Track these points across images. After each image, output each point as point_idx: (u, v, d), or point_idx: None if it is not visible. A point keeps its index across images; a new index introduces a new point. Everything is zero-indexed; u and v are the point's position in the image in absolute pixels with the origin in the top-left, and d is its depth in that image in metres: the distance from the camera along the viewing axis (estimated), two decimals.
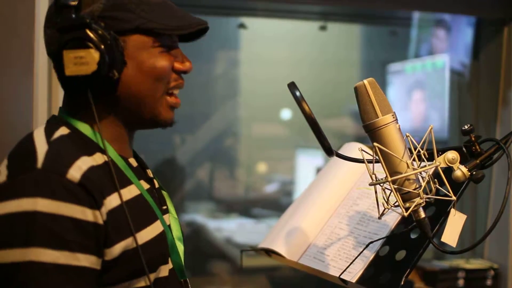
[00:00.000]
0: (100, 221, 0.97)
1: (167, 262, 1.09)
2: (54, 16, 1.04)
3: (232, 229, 3.36)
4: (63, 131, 1.03)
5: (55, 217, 0.93)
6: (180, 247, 1.14)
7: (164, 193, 1.19)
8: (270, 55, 3.74)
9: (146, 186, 1.11)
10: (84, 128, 1.06)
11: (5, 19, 1.83)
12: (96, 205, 0.97)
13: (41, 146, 0.98)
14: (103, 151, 1.03)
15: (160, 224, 1.08)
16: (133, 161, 1.13)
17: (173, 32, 1.06)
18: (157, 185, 1.17)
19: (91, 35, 0.99)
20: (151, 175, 1.17)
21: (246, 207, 3.67)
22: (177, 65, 1.10)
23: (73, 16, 1.00)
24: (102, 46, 0.99)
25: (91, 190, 0.96)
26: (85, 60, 0.99)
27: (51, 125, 1.05)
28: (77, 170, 0.97)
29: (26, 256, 0.91)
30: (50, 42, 1.06)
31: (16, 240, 0.92)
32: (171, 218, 1.15)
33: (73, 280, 0.93)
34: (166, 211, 1.15)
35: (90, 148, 1.03)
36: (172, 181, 3.49)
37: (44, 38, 1.08)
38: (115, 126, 1.08)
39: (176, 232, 1.15)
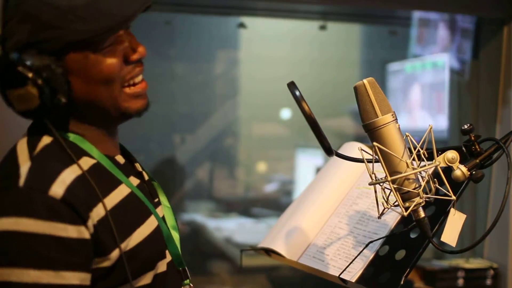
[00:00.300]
0: (86, 236, 0.96)
1: (164, 257, 1.09)
2: None
3: (232, 228, 3.36)
4: (46, 140, 1.02)
5: (37, 236, 0.92)
6: (176, 236, 1.14)
7: (155, 183, 1.18)
8: (270, 54, 3.74)
9: (136, 182, 1.10)
10: (64, 135, 1.04)
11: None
12: (80, 220, 0.96)
13: (24, 162, 0.97)
14: (89, 155, 1.03)
15: (155, 219, 1.07)
16: (120, 158, 1.11)
17: (106, 34, 1.00)
18: (146, 177, 1.16)
19: (23, 71, 0.95)
20: (140, 169, 1.15)
21: (245, 207, 3.67)
22: (131, 57, 1.04)
23: (1, 54, 0.97)
24: (38, 79, 0.96)
25: (75, 205, 0.96)
26: (27, 97, 0.96)
27: (34, 135, 1.03)
28: (60, 185, 0.96)
29: (7, 276, 0.90)
30: None
31: None
32: (164, 209, 1.15)
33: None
34: (159, 203, 1.15)
35: (76, 154, 1.01)
36: (172, 181, 3.49)
37: None
38: (92, 129, 1.06)
39: (170, 221, 1.14)
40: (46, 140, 1.02)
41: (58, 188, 0.95)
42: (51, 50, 0.98)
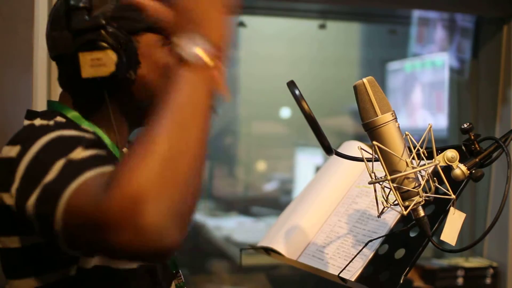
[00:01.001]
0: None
1: None
2: (63, 18, 1.03)
3: (232, 227, 3.36)
4: (60, 119, 1.03)
5: (81, 137, 0.93)
6: None
7: None
8: (269, 53, 3.74)
9: None
10: (77, 119, 1.06)
11: (4, 18, 1.83)
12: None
13: (46, 122, 0.99)
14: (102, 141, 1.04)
15: None
16: (126, 151, 1.13)
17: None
18: None
19: (107, 36, 0.99)
20: None
21: (245, 206, 3.67)
22: None
23: (87, 17, 1.00)
24: (119, 47, 0.99)
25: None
26: (102, 62, 0.99)
27: (45, 115, 1.04)
28: (87, 132, 0.98)
29: (65, 160, 0.88)
30: (57, 44, 1.05)
31: (55, 156, 0.88)
32: None
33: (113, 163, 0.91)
34: None
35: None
36: None
37: (47, 41, 1.07)
38: (121, 123, 1.09)
39: None
40: (60, 118, 1.03)
41: (88, 129, 0.98)
42: (130, 28, 1.03)
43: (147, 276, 1.06)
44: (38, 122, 1.00)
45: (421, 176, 0.99)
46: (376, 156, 0.99)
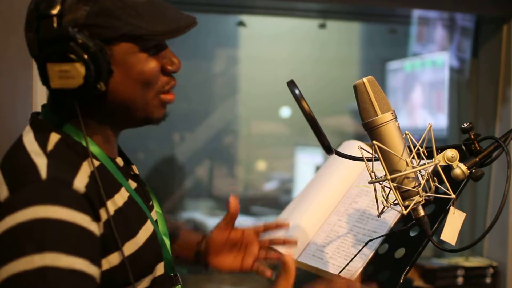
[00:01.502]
0: (98, 234, 0.96)
1: (162, 260, 1.09)
2: (35, 21, 0.98)
3: None
4: (54, 137, 1.00)
5: (67, 224, 0.91)
6: (167, 242, 1.14)
7: (148, 189, 1.19)
8: (269, 52, 3.73)
9: (133, 185, 1.10)
10: (73, 132, 1.03)
11: (3, 16, 1.83)
12: (96, 218, 0.96)
13: (40, 159, 0.96)
14: (93, 157, 1.02)
15: (150, 223, 1.07)
16: (119, 161, 1.11)
17: (161, 37, 1.02)
18: (140, 181, 1.16)
19: (76, 48, 0.95)
20: (137, 171, 1.16)
21: (245, 205, 3.67)
22: (167, 67, 1.06)
23: (55, 26, 0.95)
24: (88, 59, 0.95)
25: (93, 202, 0.95)
26: (70, 74, 0.95)
27: (40, 132, 1.02)
28: (81, 181, 0.95)
29: (41, 261, 0.88)
30: (31, 46, 1.01)
31: (29, 247, 0.88)
32: (156, 214, 1.15)
33: (87, 286, 0.91)
34: (152, 207, 1.15)
35: (82, 154, 1.01)
36: (171, 179, 3.49)
37: (25, 40, 1.03)
38: (104, 129, 1.06)
39: (162, 227, 1.14)
40: (54, 137, 1.01)
41: (79, 183, 0.95)
42: (104, 37, 0.98)
43: None
44: (31, 147, 0.98)
45: (421, 175, 0.99)
46: (376, 155, 0.99)
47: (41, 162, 0.95)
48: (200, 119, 3.63)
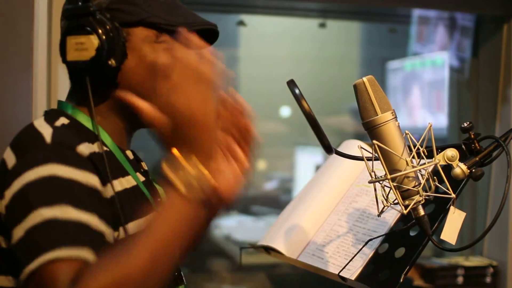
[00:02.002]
0: (108, 196, 0.98)
1: None
2: (65, 5, 1.06)
3: (232, 226, 3.36)
4: (63, 120, 1.03)
5: (72, 181, 0.93)
6: None
7: (157, 186, 1.19)
8: (269, 52, 3.73)
9: (142, 178, 1.12)
10: (84, 118, 1.06)
11: (4, 16, 1.83)
12: (102, 181, 0.97)
13: (46, 130, 0.98)
14: (103, 142, 1.04)
15: None
16: (129, 154, 1.13)
17: (176, 28, 1.05)
18: (150, 177, 1.17)
19: (93, 22, 1.01)
20: (146, 168, 1.18)
21: (245, 204, 3.67)
22: None
23: (79, 4, 1.03)
24: (102, 34, 1.01)
25: (98, 167, 0.97)
26: (85, 46, 1.01)
27: (49, 116, 1.04)
28: (85, 148, 0.97)
29: (50, 213, 0.89)
30: (61, 30, 1.08)
31: (37, 202, 0.90)
32: None
33: (95, 240, 0.92)
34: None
35: (90, 137, 1.03)
36: None
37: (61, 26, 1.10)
38: (116, 120, 1.09)
39: None
40: (63, 120, 1.03)
41: (84, 149, 0.97)
42: (123, 21, 1.05)
43: None
44: (38, 124, 1.00)
45: (421, 175, 0.99)
46: (376, 155, 0.99)
47: (46, 131, 0.98)
48: None
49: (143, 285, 0.84)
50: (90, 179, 0.95)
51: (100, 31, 1.01)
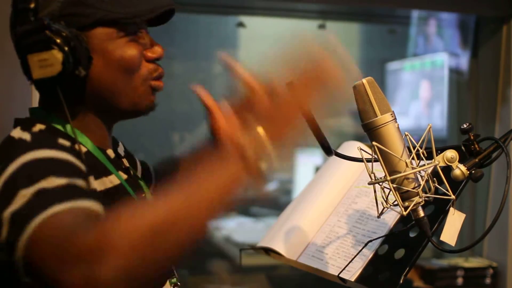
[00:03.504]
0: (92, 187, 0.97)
1: None
2: (13, 18, 1.03)
3: (231, 227, 3.36)
4: (39, 126, 1.03)
5: (54, 159, 0.93)
6: None
7: (141, 182, 1.19)
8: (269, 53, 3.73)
9: (124, 176, 1.11)
10: (59, 124, 1.05)
11: (2, 17, 1.83)
12: (85, 172, 0.97)
13: (24, 135, 0.99)
14: (82, 144, 1.04)
15: None
16: (110, 152, 1.12)
17: (135, 19, 1.04)
18: (132, 173, 1.17)
19: (52, 36, 0.97)
20: (127, 165, 1.17)
21: (245, 206, 3.67)
22: (148, 54, 1.08)
23: (31, 19, 0.99)
24: (64, 45, 0.98)
25: (80, 158, 0.97)
26: (49, 62, 0.98)
27: (25, 124, 1.04)
28: (65, 142, 0.98)
29: (34, 189, 0.88)
30: (14, 43, 1.05)
31: (21, 184, 0.89)
32: None
33: (91, 195, 0.92)
34: (145, 199, 1.15)
35: (69, 140, 1.02)
36: None
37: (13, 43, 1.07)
38: (93, 120, 1.08)
39: None
40: (39, 126, 1.03)
41: (65, 142, 0.97)
42: (79, 25, 1.01)
43: None
44: (16, 134, 1.00)
45: (421, 176, 0.99)
46: (376, 156, 0.99)
47: (25, 136, 0.98)
48: (200, 119, 3.62)
49: (176, 229, 0.81)
50: (75, 161, 0.95)
51: (61, 43, 0.97)
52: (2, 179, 0.92)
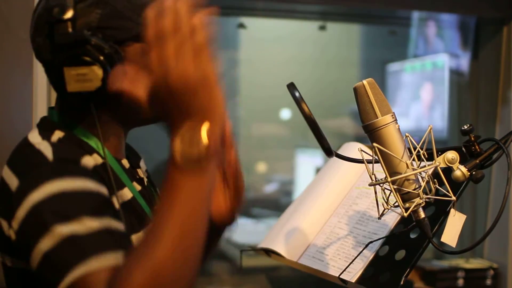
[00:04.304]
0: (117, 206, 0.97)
1: None
2: (46, 27, 0.98)
3: (231, 229, 3.35)
4: (58, 134, 1.01)
5: (82, 192, 0.91)
6: None
7: (151, 189, 1.19)
8: (269, 55, 3.73)
9: (138, 187, 1.11)
10: (79, 132, 1.04)
11: (2, 18, 1.83)
12: (109, 192, 0.96)
13: (44, 146, 0.97)
14: (99, 153, 1.03)
15: None
16: (125, 163, 1.12)
17: None
18: (146, 183, 1.17)
19: (92, 50, 0.96)
20: (142, 175, 1.16)
21: (245, 207, 3.67)
22: None
23: (71, 31, 0.96)
24: (104, 61, 0.96)
25: (103, 179, 0.97)
26: (88, 77, 0.96)
27: (44, 129, 1.02)
28: (87, 161, 0.96)
29: (67, 230, 0.87)
30: (41, 52, 1.02)
31: (52, 221, 0.88)
32: None
33: (120, 240, 0.91)
34: None
35: (88, 150, 1.01)
36: None
37: (32, 44, 1.04)
38: (112, 128, 1.07)
39: None
40: (58, 134, 1.01)
41: (87, 162, 0.96)
42: (117, 38, 0.99)
43: None
44: (35, 140, 0.98)
45: (422, 177, 0.99)
46: (376, 157, 0.99)
47: (46, 148, 0.96)
48: None
49: (177, 268, 0.81)
50: (100, 188, 0.94)
51: (102, 59, 0.96)
52: (28, 204, 0.90)
